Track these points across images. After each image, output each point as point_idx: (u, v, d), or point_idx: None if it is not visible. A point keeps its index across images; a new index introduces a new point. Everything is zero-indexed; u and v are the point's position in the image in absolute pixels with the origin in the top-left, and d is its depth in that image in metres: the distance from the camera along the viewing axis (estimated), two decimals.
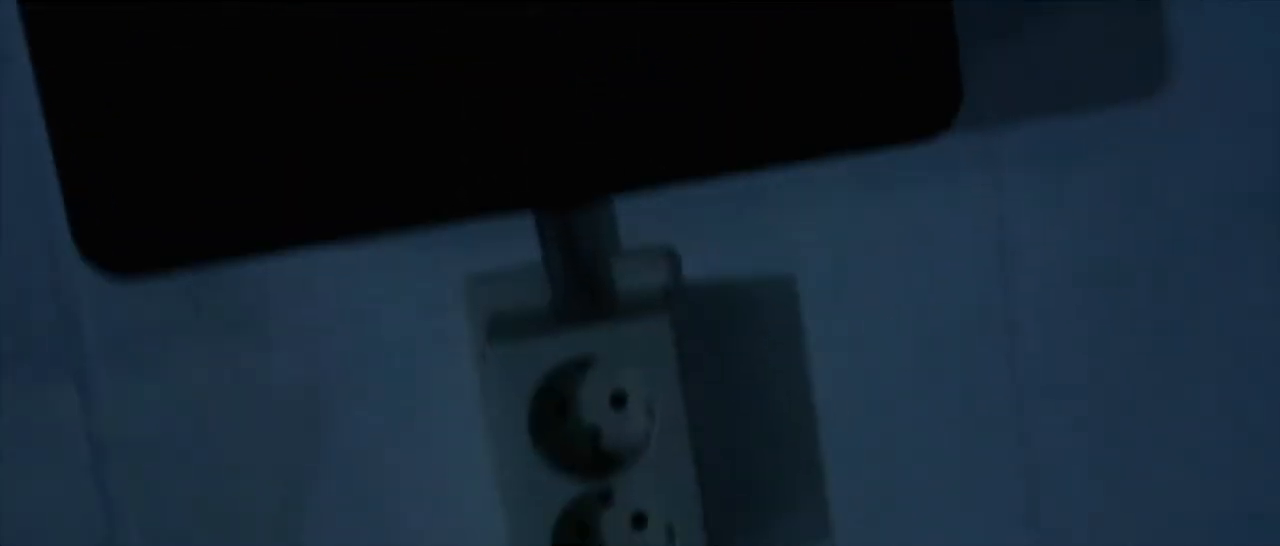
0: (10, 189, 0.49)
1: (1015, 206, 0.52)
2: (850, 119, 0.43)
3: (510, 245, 0.51)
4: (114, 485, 0.51)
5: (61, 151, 0.41)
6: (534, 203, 0.45)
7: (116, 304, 0.50)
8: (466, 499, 0.52)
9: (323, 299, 0.51)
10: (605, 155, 0.43)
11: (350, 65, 0.42)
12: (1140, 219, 0.53)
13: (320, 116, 0.42)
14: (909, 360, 0.53)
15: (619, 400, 0.51)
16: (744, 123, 0.43)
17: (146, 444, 0.51)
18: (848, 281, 0.52)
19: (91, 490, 0.51)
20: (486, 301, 0.51)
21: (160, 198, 0.42)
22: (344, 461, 0.52)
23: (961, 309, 0.53)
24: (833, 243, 0.52)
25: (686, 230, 0.52)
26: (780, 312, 0.53)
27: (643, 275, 0.52)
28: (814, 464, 0.54)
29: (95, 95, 0.41)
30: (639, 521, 0.52)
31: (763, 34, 0.43)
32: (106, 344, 0.50)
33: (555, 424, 0.51)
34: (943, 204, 0.52)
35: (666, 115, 0.43)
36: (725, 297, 0.52)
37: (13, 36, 0.42)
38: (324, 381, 0.51)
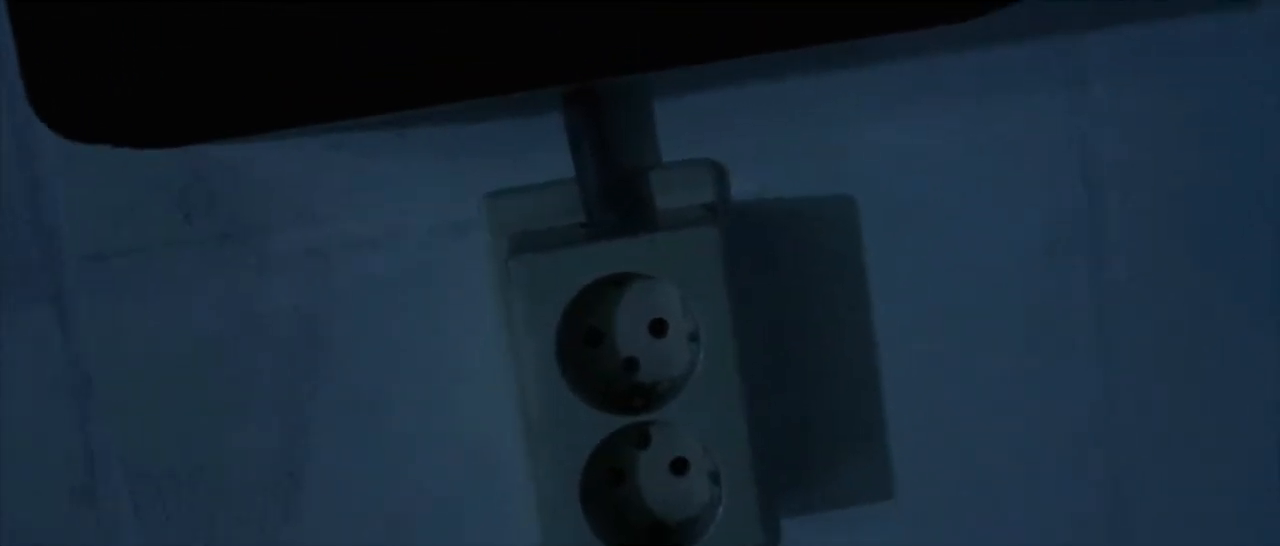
0: None
1: (1100, 120, 0.49)
2: None
3: (535, 162, 0.47)
4: (95, 416, 0.48)
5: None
6: (560, 77, 0.40)
7: (99, 214, 0.46)
8: (486, 440, 0.49)
9: (327, 217, 0.48)
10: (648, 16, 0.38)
11: None
12: (1232, 134, 0.50)
13: None
14: (981, 289, 0.50)
15: (659, 328, 0.46)
16: None
17: (131, 372, 0.47)
18: (913, 202, 0.49)
19: (71, 421, 0.48)
20: (509, 220, 0.47)
21: (128, 53, 0.37)
22: (349, 397, 0.49)
23: (1040, 233, 0.50)
24: (897, 160, 0.49)
25: (734, 146, 0.48)
26: (839, 236, 0.49)
27: (685, 189, 0.48)
28: (875, 405, 0.51)
29: None
30: (679, 466, 0.47)
31: None
32: (88, 260, 0.47)
33: (586, 355, 0.46)
34: (1019, 117, 0.49)
35: None
36: (778, 219, 0.49)
37: None
38: (327, 308, 0.48)
